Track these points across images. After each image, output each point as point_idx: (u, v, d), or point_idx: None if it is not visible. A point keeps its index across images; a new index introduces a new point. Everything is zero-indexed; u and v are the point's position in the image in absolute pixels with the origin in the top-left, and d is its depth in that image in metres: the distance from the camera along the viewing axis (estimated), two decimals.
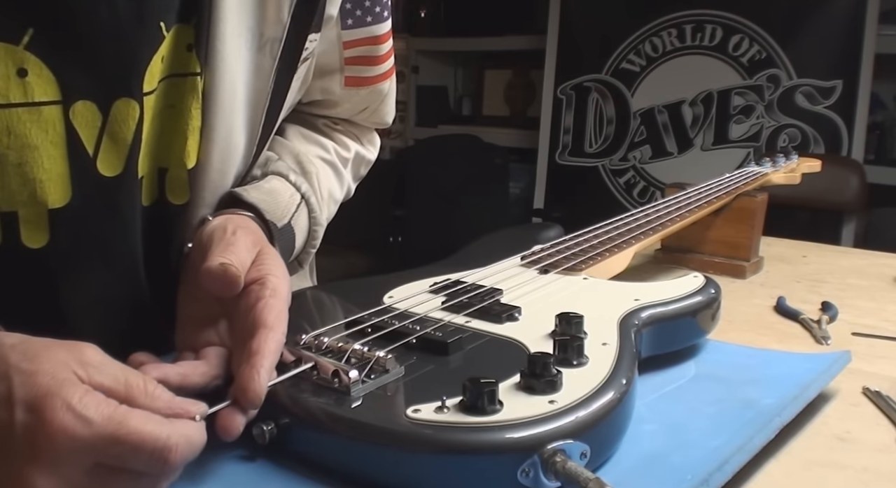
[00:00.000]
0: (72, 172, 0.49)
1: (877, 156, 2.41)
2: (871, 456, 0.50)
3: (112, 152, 0.50)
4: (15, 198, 0.48)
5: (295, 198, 0.64)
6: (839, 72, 2.33)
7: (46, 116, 0.47)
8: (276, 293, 0.48)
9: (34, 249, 0.49)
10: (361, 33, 0.69)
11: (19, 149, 0.47)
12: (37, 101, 0.46)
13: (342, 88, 0.71)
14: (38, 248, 0.49)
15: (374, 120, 0.78)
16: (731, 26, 2.47)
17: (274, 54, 0.57)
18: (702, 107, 2.55)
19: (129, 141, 0.50)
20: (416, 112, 3.35)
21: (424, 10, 3.30)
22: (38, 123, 0.47)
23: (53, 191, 0.48)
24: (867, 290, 0.90)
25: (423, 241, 2.81)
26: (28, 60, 0.46)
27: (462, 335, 0.52)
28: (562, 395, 0.44)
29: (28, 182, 0.48)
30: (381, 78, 0.74)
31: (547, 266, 0.67)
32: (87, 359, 0.38)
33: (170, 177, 0.55)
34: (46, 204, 0.48)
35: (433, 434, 0.41)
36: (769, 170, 1.00)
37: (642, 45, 2.64)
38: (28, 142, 0.47)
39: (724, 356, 0.62)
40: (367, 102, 0.74)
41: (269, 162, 0.65)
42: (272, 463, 0.45)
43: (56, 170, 0.48)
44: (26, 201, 0.48)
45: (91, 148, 0.49)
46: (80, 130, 0.48)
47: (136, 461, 0.37)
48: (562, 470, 0.40)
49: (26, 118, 0.46)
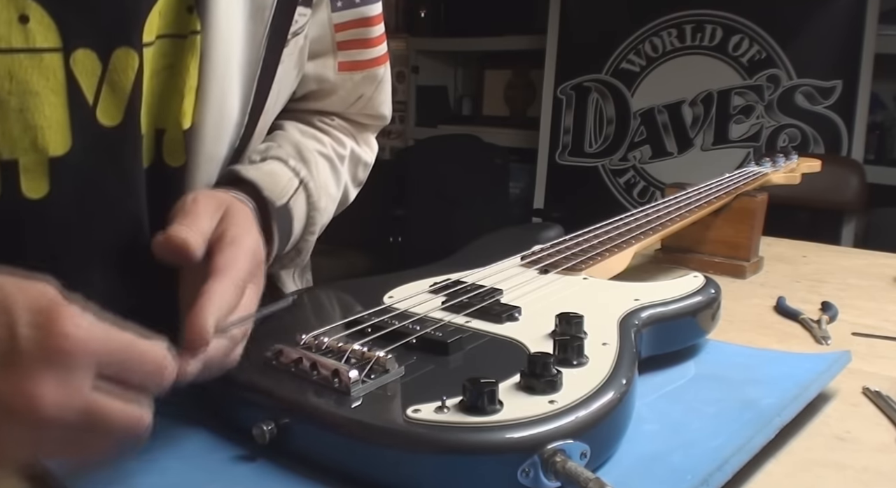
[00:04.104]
0: (72, 120, 0.49)
1: (877, 157, 2.41)
2: (871, 456, 0.50)
3: (111, 102, 0.50)
4: (16, 145, 0.48)
5: (293, 182, 0.64)
6: (839, 72, 2.33)
7: (47, 63, 0.47)
8: (234, 241, 0.49)
9: (34, 200, 0.49)
10: (352, 15, 0.69)
11: (21, 94, 0.47)
12: (38, 48, 0.47)
13: (336, 74, 0.71)
14: (38, 199, 0.49)
15: (370, 112, 0.77)
16: (731, 26, 2.47)
17: (265, 22, 0.58)
18: (702, 107, 2.55)
19: (128, 91, 0.50)
20: (416, 112, 3.35)
21: (424, 10, 3.30)
22: (38, 70, 0.47)
23: (53, 138, 0.49)
24: (867, 290, 0.90)
25: (423, 241, 2.81)
26: (29, 6, 0.47)
27: (462, 335, 0.52)
28: (562, 395, 0.44)
29: (29, 128, 0.48)
30: (375, 63, 0.74)
31: (547, 266, 0.67)
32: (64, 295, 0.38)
33: (167, 138, 0.55)
34: (47, 151, 0.49)
35: (433, 434, 0.41)
36: (769, 170, 1.00)
37: (642, 45, 2.64)
38: (29, 88, 0.47)
39: (724, 356, 0.62)
40: (361, 89, 0.74)
41: (268, 149, 0.66)
42: (272, 463, 0.45)
43: (56, 117, 0.48)
44: (27, 148, 0.48)
45: (91, 97, 0.50)
46: (79, 78, 0.49)
47: (138, 372, 0.38)
48: (562, 470, 0.40)
49: (28, 64, 0.47)
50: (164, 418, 0.50)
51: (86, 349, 0.36)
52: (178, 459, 0.46)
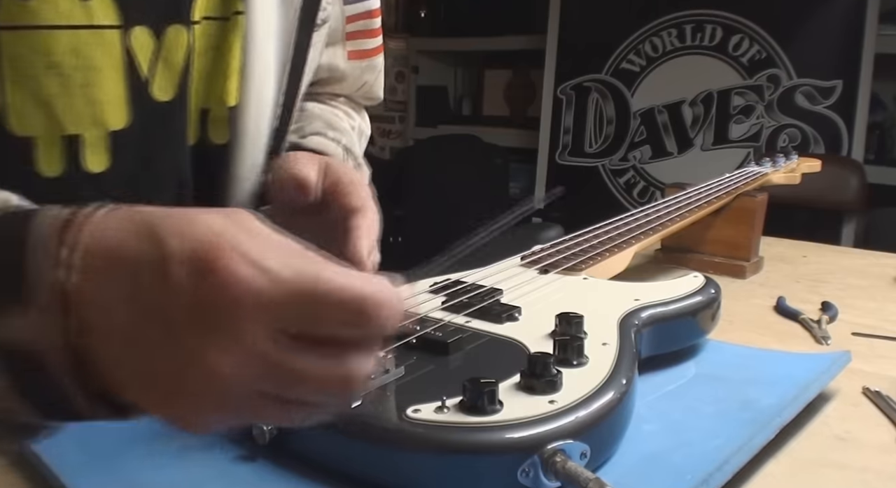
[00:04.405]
0: (130, 95, 0.51)
1: (877, 156, 2.41)
2: (871, 456, 0.50)
3: (165, 77, 0.52)
4: (80, 119, 0.49)
5: (338, 149, 0.69)
6: (839, 72, 2.33)
7: (108, 39, 0.49)
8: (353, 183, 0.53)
9: (95, 174, 0.51)
10: (359, 8, 0.74)
11: (85, 70, 0.48)
12: (99, 24, 0.48)
13: (346, 62, 0.75)
14: (99, 173, 0.51)
15: (370, 95, 0.82)
16: (731, 26, 2.47)
17: (295, 6, 0.61)
18: (702, 107, 2.55)
19: (180, 67, 0.53)
20: (417, 112, 3.35)
21: (424, 10, 3.30)
22: (100, 46, 0.49)
23: (113, 113, 0.50)
24: (867, 290, 0.90)
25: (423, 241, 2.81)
26: None
27: (462, 335, 0.52)
28: (562, 395, 0.44)
29: (91, 103, 0.49)
30: (376, 51, 0.79)
31: (547, 266, 0.67)
32: (250, 225, 0.32)
33: (212, 116, 0.57)
34: (108, 125, 0.50)
35: (433, 434, 0.41)
36: (769, 170, 1.00)
37: (642, 45, 2.64)
38: (92, 63, 0.49)
39: (724, 356, 0.62)
40: (365, 77, 0.79)
41: (301, 128, 0.69)
42: (272, 463, 0.45)
43: (116, 92, 0.50)
44: (90, 123, 0.50)
45: (146, 72, 0.52)
46: (136, 55, 0.51)
47: (336, 321, 0.32)
48: (562, 470, 0.40)
49: (90, 40, 0.48)
50: None
51: (259, 304, 0.30)
52: (178, 459, 0.46)
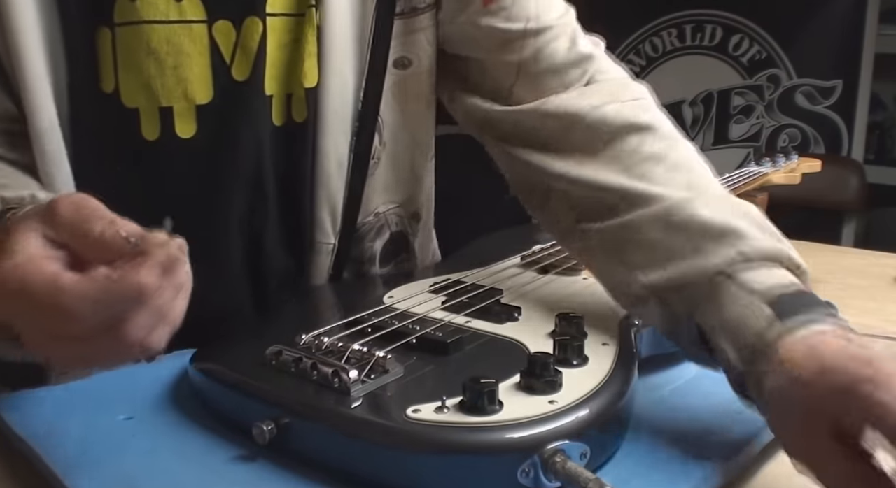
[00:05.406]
0: (213, 76, 0.61)
1: (877, 156, 2.41)
2: None
3: (242, 61, 0.62)
4: (172, 94, 0.60)
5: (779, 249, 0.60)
6: (839, 72, 2.33)
7: (196, 32, 0.60)
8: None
9: (185, 139, 0.62)
10: None
11: (175, 55, 0.60)
12: (189, 20, 0.60)
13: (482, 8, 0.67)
14: (187, 138, 0.62)
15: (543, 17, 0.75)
16: (731, 26, 2.47)
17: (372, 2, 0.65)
18: (702, 107, 2.55)
19: (254, 51, 0.62)
20: None
21: None
22: (189, 37, 0.60)
23: (199, 89, 0.61)
24: (867, 290, 0.90)
25: None
26: None
27: (462, 335, 0.52)
28: (562, 395, 0.44)
29: (181, 81, 0.60)
30: None
31: (547, 266, 0.68)
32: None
33: (294, 98, 0.65)
34: (195, 100, 0.61)
35: (433, 434, 0.41)
36: (769, 170, 1.00)
37: (642, 45, 2.64)
38: (182, 50, 0.60)
39: None
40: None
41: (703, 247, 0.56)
42: (272, 463, 0.45)
43: (201, 73, 0.61)
44: (179, 97, 0.61)
45: (227, 57, 0.62)
46: (219, 43, 0.61)
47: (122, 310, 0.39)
48: (562, 470, 0.40)
49: (181, 32, 0.60)
50: (165, 417, 0.50)
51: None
52: (178, 459, 0.46)
